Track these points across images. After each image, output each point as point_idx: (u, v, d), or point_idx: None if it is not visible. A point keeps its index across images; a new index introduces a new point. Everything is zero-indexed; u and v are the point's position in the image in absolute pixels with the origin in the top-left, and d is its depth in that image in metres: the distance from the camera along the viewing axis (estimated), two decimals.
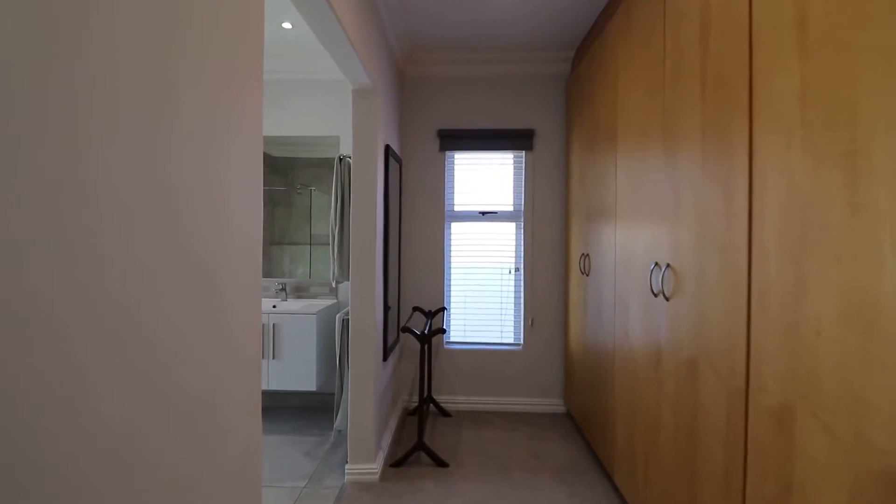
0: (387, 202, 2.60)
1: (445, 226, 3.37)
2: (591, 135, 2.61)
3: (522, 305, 3.35)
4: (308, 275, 3.32)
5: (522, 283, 3.35)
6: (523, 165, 3.34)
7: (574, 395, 2.97)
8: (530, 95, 3.30)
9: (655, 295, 1.71)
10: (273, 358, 2.85)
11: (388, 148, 2.60)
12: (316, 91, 3.26)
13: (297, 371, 2.85)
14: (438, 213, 3.35)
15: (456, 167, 3.40)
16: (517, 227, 3.37)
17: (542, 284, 3.32)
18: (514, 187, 3.38)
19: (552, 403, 3.29)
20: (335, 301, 3.25)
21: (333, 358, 3.01)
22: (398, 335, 3.08)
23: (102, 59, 0.58)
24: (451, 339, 3.41)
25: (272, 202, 3.34)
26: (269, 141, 3.33)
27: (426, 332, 2.65)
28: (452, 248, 3.40)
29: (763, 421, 1.12)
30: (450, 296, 3.41)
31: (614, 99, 2.22)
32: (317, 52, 2.90)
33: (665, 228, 1.66)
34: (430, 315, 3.14)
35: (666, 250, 1.65)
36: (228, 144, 0.90)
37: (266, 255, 3.33)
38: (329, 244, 2.72)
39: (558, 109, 3.29)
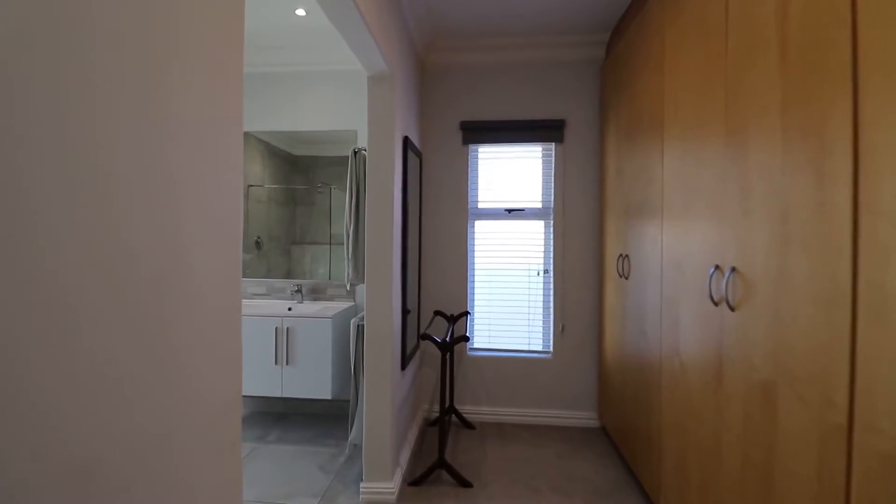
0: (405, 198, 2.41)
1: (469, 224, 3.16)
2: (631, 124, 2.36)
3: (552, 310, 3.11)
4: (328, 275, 3.18)
5: (552, 286, 3.11)
6: (553, 159, 3.10)
7: (610, 410, 2.72)
8: (560, 83, 3.05)
9: (716, 303, 1.46)
10: (287, 364, 2.71)
11: (406, 140, 2.41)
12: (332, 83, 3.10)
13: (311, 378, 2.70)
14: (461, 211, 3.14)
15: (480, 161, 3.18)
16: (546, 226, 3.13)
17: (574, 288, 3.07)
18: (542, 182, 3.14)
19: (584, 417, 3.04)
20: (352, 304, 3.09)
21: (349, 365, 2.85)
22: (418, 341, 2.89)
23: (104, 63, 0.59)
24: (475, 346, 3.20)
25: (293, 201, 3.24)
26: (287, 138, 3.21)
27: (448, 339, 2.45)
28: (476, 247, 3.19)
29: (875, 471, 0.87)
30: (473, 299, 3.20)
31: (660, 82, 1.97)
32: (332, 41, 2.74)
33: (728, 225, 1.41)
34: (453, 320, 2.94)
35: (730, 251, 1.40)
36: (215, 142, 0.81)
37: (286, 254, 3.23)
38: (344, 244, 2.54)
39: (591, 98, 3.03)
